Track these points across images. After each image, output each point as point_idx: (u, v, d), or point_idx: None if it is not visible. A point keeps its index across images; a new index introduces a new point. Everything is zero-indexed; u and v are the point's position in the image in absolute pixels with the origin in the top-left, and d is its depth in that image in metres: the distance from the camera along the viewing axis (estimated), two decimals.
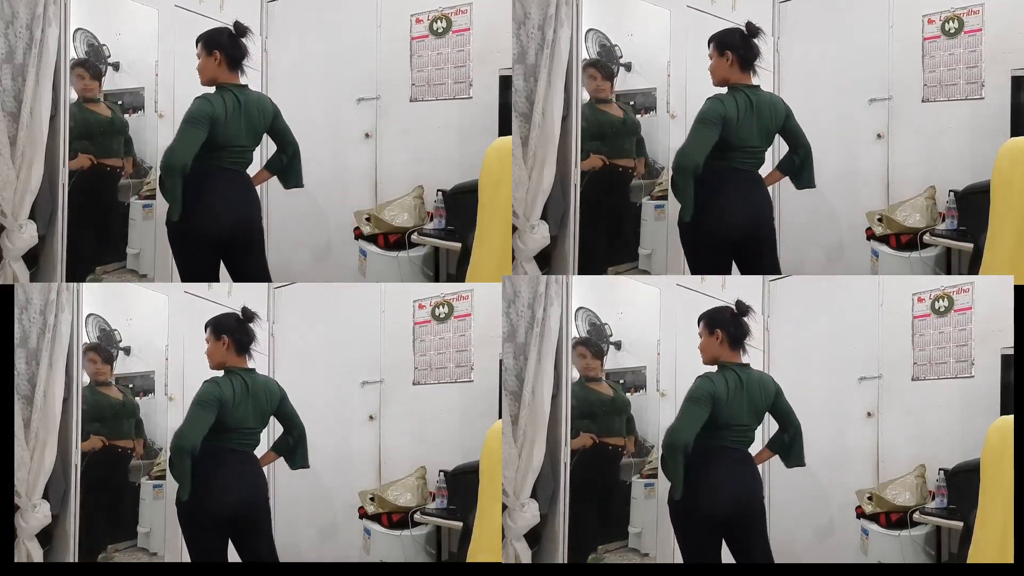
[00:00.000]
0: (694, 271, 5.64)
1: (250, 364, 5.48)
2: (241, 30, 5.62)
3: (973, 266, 5.84)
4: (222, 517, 5.41)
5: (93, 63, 6.05)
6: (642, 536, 5.98)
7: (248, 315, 5.52)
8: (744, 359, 5.41)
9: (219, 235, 5.60)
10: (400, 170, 6.05)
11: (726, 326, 5.42)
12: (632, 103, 6.04)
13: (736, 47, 5.57)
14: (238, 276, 5.71)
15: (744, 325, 5.43)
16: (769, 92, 5.68)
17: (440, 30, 6.04)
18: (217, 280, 5.73)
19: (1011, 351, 5.78)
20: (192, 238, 5.60)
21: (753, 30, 5.57)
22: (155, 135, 6.07)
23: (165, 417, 6.02)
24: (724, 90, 5.56)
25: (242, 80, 5.61)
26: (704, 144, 5.48)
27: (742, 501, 5.38)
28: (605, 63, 6.02)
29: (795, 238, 5.97)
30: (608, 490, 5.95)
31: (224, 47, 5.61)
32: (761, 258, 5.62)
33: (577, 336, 5.92)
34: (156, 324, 6.03)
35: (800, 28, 5.95)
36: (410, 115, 6.05)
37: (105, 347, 6.02)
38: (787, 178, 5.67)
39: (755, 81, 5.56)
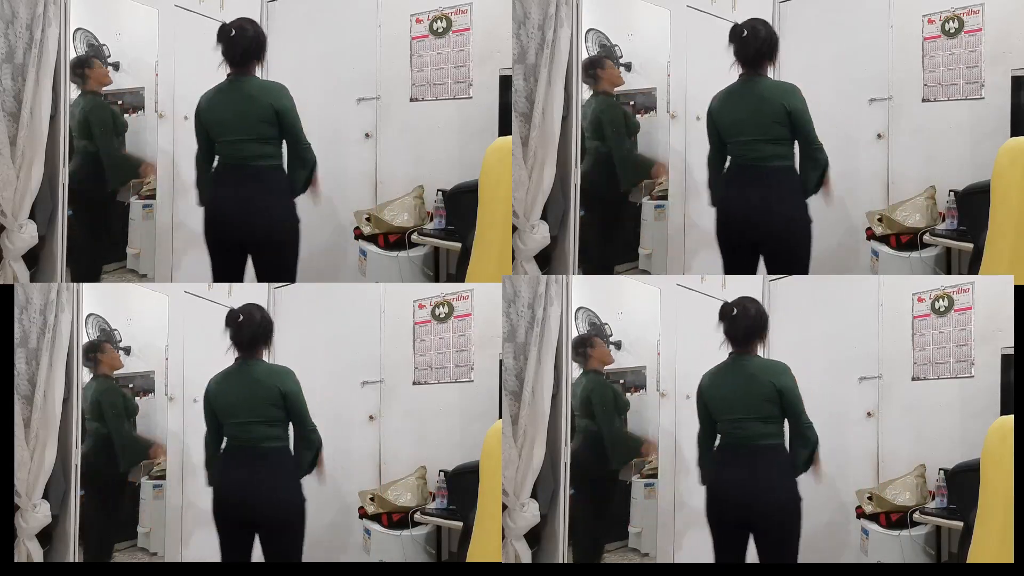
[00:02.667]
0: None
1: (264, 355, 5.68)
2: (225, 31, 5.72)
3: (973, 266, 5.84)
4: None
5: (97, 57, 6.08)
6: (642, 536, 5.98)
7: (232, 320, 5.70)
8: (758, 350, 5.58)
9: (214, 238, 5.73)
10: (400, 170, 6.05)
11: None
12: (632, 103, 6.04)
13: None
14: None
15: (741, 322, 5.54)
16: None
17: (440, 30, 6.04)
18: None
19: (1011, 351, 5.78)
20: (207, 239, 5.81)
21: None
22: (155, 135, 6.07)
23: (165, 417, 6.02)
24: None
25: (257, 71, 5.70)
26: None
27: (720, 499, 5.54)
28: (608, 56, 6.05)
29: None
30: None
31: (222, 44, 5.73)
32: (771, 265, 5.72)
33: (579, 333, 5.92)
34: (156, 324, 6.03)
35: (800, 28, 5.95)
36: (410, 115, 6.05)
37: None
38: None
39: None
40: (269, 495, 5.58)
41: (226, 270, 5.81)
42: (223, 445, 5.64)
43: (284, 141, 5.77)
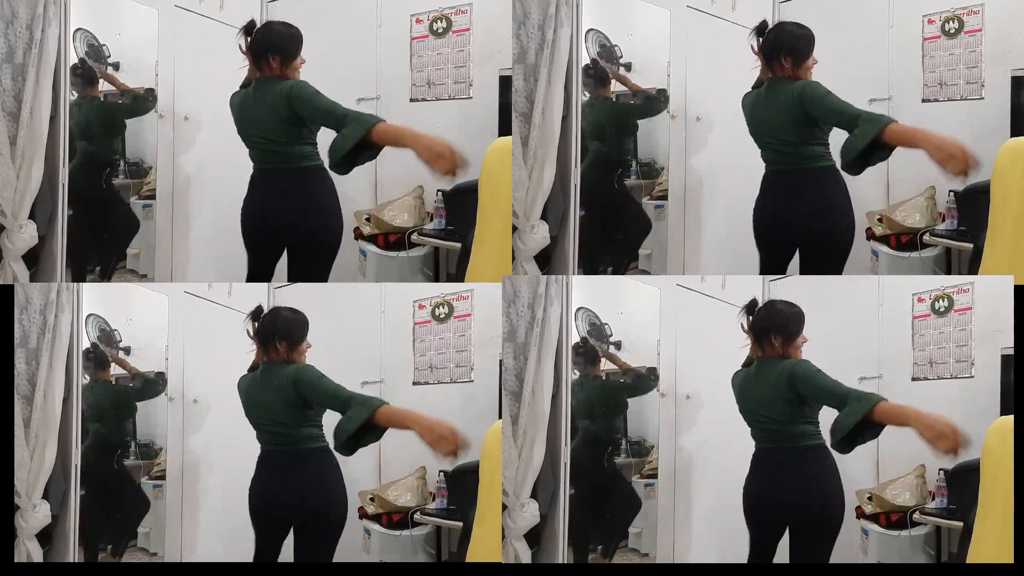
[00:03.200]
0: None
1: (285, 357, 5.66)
2: (249, 28, 5.72)
3: (973, 266, 5.84)
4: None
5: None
6: (642, 536, 5.98)
7: (256, 314, 5.68)
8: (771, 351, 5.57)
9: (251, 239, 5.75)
10: (400, 170, 6.05)
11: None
12: (632, 103, 6.04)
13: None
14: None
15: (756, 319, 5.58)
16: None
17: (440, 30, 6.04)
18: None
19: (1011, 351, 5.78)
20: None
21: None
22: (155, 135, 6.08)
23: (165, 417, 6.02)
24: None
25: (280, 72, 5.69)
26: None
27: (750, 502, 5.54)
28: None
29: None
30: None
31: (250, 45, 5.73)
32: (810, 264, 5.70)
33: (586, 341, 5.93)
34: (156, 324, 6.03)
35: None
36: (410, 115, 6.05)
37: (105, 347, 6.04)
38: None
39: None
40: (308, 498, 5.57)
41: (264, 272, 5.79)
42: (260, 449, 5.64)
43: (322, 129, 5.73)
